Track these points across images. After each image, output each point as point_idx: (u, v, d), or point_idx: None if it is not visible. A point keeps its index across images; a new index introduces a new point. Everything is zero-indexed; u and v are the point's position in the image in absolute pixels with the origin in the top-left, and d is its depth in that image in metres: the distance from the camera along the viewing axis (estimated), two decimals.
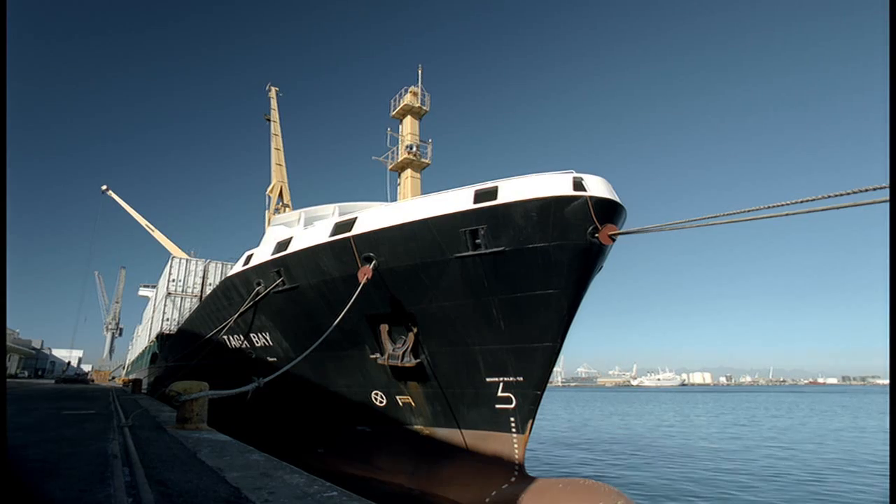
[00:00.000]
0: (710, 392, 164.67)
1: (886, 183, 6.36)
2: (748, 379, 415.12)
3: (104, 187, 57.35)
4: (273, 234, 17.69)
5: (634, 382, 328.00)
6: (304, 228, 16.59)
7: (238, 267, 17.78)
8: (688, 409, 61.24)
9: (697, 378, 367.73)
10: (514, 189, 11.45)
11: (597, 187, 11.22)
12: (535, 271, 11.41)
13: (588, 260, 11.37)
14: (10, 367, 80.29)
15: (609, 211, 11.17)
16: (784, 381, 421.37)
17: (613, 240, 10.97)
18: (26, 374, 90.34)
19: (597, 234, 10.95)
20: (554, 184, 11.24)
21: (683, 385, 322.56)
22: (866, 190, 6.74)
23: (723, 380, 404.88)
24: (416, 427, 14.10)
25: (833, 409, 61.22)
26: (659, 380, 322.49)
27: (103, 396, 21.49)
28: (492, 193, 11.64)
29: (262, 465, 5.13)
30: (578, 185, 11.16)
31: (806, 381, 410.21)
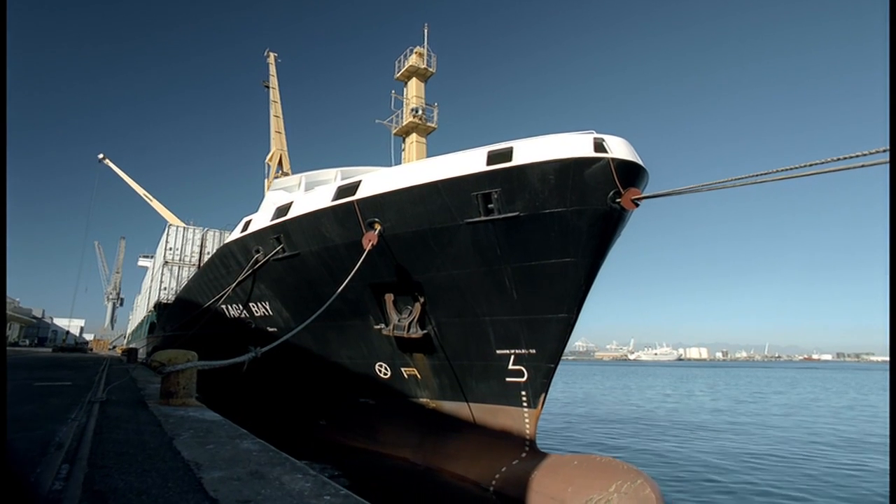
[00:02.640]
0: (707, 367, 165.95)
1: (886, 146, 6.17)
2: (744, 354, 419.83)
3: (101, 156, 56.12)
4: (272, 200, 16.91)
5: (632, 357, 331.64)
6: (304, 193, 15.82)
7: (236, 234, 17.07)
8: (689, 384, 61.32)
9: (694, 353, 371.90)
10: (531, 150, 10.67)
11: (619, 149, 10.45)
12: (551, 238, 10.72)
13: (608, 226, 10.67)
14: (10, 335, 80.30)
15: (632, 174, 10.42)
16: (779, 357, 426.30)
17: (637, 205, 10.22)
18: (27, 342, 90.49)
19: (618, 199, 10.23)
20: (573, 145, 10.46)
21: (680, 360, 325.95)
22: (866, 153, 6.60)
23: (719, 355, 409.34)
24: (421, 400, 13.62)
25: (835, 385, 61.18)
26: (656, 354, 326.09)
27: (95, 366, 20.92)
28: (506, 155, 10.85)
29: (255, 459, 4.01)
30: (599, 146, 10.39)
31: (801, 358, 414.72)
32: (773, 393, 45.32)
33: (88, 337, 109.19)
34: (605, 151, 10.30)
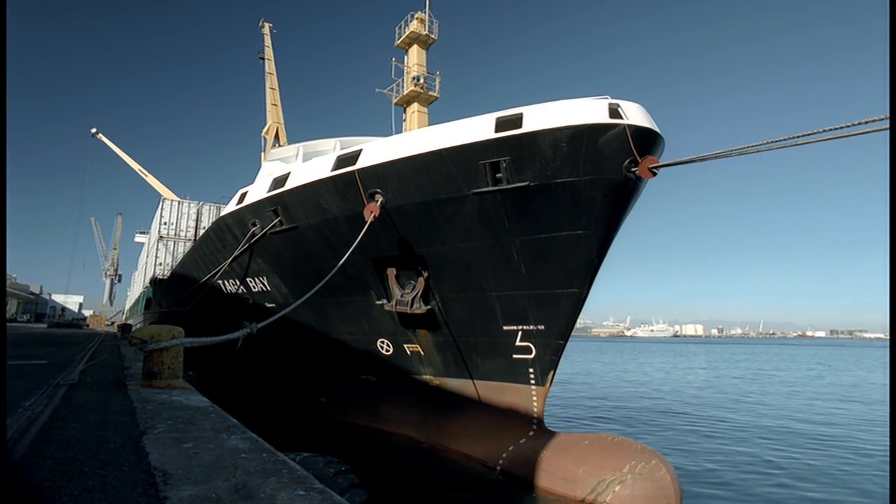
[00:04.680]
0: (703, 343, 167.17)
1: (886, 114, 6.18)
2: (739, 331, 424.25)
3: (94, 130, 54.85)
4: (269, 170, 16.30)
5: (628, 333, 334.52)
6: (302, 163, 15.20)
7: (231, 206, 16.47)
8: (688, 360, 61.52)
9: (690, 330, 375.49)
10: (542, 116, 10.07)
11: (635, 115, 9.88)
12: (562, 209, 10.21)
13: (622, 197, 10.16)
14: (8, 311, 79.94)
15: (649, 141, 9.87)
16: (774, 333, 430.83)
17: (654, 173, 9.69)
18: (26, 318, 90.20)
19: (634, 168, 9.70)
20: (587, 110, 9.87)
21: (676, 336, 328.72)
22: (866, 121, 6.58)
23: (714, 332, 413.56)
24: (424, 377, 13.28)
25: (835, 362, 61.32)
26: (652, 331, 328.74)
27: (85, 342, 20.22)
28: (516, 121, 10.26)
29: (244, 464, 3.13)
30: (615, 112, 9.81)
31: (795, 334, 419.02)
32: (775, 371, 45.33)
33: (87, 313, 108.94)
34: (621, 118, 9.74)
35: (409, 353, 13.28)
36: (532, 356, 11.23)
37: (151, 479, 2.84)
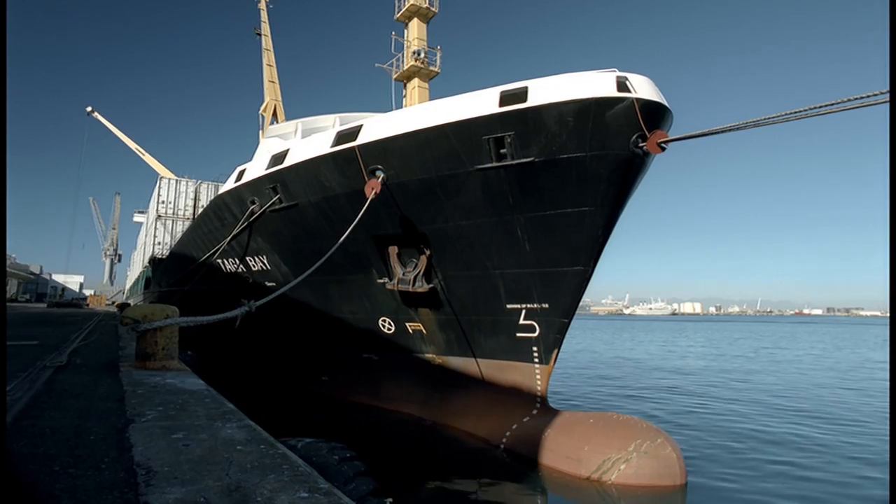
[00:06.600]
0: (702, 321, 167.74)
1: (886, 88, 6.22)
2: (736, 309, 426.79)
3: (89, 108, 54.11)
4: (267, 147, 15.98)
5: (627, 311, 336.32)
6: (301, 140, 14.90)
7: (229, 184, 16.21)
8: (688, 338, 61.73)
9: (688, 308, 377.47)
10: (548, 90, 9.78)
11: (643, 88, 9.60)
12: (568, 186, 10.00)
13: (629, 173, 9.95)
14: (8, 291, 79.93)
15: (657, 115, 9.62)
16: (771, 311, 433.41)
17: (663, 148, 9.44)
18: (26, 297, 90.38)
19: (642, 143, 9.46)
20: (594, 84, 9.58)
21: (674, 314, 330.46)
22: (866, 96, 6.71)
23: (712, 310, 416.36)
24: (427, 355, 13.22)
25: (835, 340, 61.44)
26: (651, 309, 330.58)
27: (82, 321, 20.08)
28: (520, 95, 9.97)
29: (239, 459, 2.80)
30: (622, 85, 9.52)
31: (792, 312, 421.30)
32: (777, 349, 45.42)
33: (88, 292, 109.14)
34: (629, 91, 9.46)
35: (411, 331, 13.20)
36: (536, 335, 11.14)
37: (132, 478, 2.47)
